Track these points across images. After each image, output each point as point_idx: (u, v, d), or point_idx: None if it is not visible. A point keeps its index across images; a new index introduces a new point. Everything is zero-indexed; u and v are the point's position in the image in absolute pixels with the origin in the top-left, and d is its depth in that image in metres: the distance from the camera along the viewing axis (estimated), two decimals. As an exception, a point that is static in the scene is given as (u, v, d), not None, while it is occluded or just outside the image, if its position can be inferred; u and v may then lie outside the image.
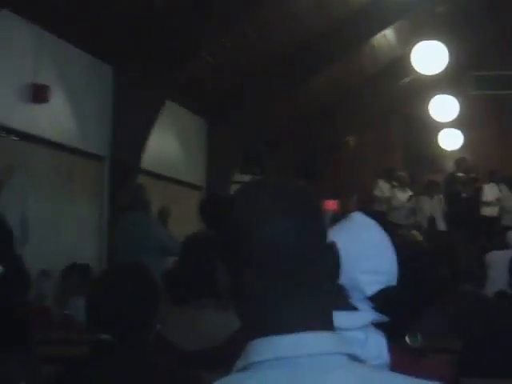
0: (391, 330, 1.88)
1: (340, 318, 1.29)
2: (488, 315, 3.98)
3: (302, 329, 1.19)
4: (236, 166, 13.14)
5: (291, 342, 1.17)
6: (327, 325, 1.22)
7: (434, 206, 14.39)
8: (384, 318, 1.82)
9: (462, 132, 15.12)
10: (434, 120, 14.24)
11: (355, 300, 1.83)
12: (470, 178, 15.19)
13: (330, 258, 1.25)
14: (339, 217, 2.02)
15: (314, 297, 1.22)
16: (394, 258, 1.91)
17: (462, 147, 15.73)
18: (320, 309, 1.22)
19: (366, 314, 1.81)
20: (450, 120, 13.72)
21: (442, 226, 14.18)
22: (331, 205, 12.20)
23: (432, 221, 14.07)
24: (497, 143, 16.72)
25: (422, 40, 11.74)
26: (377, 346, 1.79)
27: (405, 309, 1.89)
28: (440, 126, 14.89)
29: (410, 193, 14.70)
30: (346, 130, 16.03)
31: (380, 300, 1.84)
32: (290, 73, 12.29)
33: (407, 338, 2.06)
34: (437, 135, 15.21)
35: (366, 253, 1.87)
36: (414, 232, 11.40)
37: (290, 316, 1.20)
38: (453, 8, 13.60)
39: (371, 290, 1.85)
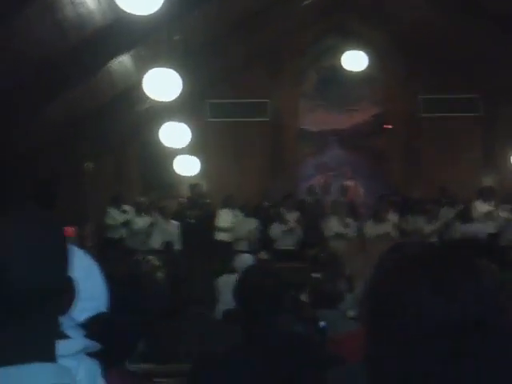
0: (111, 355, 1.85)
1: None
2: (215, 336, 4.09)
3: (19, 360, 1.14)
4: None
5: (12, 373, 1.12)
6: (45, 354, 1.18)
7: (170, 231, 14.58)
8: (97, 346, 1.78)
9: (198, 158, 15.47)
10: (170, 146, 14.45)
11: (66, 327, 1.78)
12: (204, 203, 15.58)
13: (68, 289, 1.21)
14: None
15: (31, 326, 1.17)
16: (104, 284, 1.90)
17: (199, 173, 16.11)
18: (36, 337, 1.17)
19: (78, 342, 1.77)
20: (186, 146, 13.97)
21: (177, 250, 14.40)
22: (69, 232, 11.96)
23: (169, 245, 14.24)
24: (232, 169, 17.33)
25: (157, 67, 11.86)
26: (89, 373, 1.75)
27: (119, 334, 1.88)
28: (177, 153, 15.12)
29: (147, 219, 14.81)
30: (83, 156, 15.80)
31: (91, 326, 1.81)
32: (27, 99, 11.92)
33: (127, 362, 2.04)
34: (173, 161, 15.45)
35: (75, 280, 1.82)
36: (151, 257, 11.48)
37: (5, 346, 1.15)
38: (189, 37, 13.94)
39: (82, 316, 1.82)
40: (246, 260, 8.71)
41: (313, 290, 4.91)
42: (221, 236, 15.15)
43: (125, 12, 8.77)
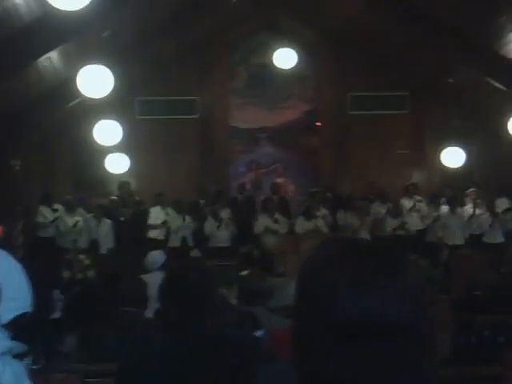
0: (38, 355, 1.82)
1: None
2: (145, 336, 4.06)
3: None
4: None
5: None
6: None
7: (101, 230, 14.42)
8: (23, 347, 1.75)
9: (128, 156, 15.34)
10: (101, 144, 14.28)
11: (-10, 329, 1.75)
12: (134, 201, 15.46)
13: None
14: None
15: None
16: (27, 284, 1.87)
17: (129, 171, 15.97)
18: None
19: (2, 343, 1.74)
20: (116, 144, 13.84)
21: (104, 249, 14.25)
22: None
23: (95, 244, 14.07)
24: (163, 167, 17.24)
25: (88, 64, 11.72)
26: (15, 376, 1.72)
27: (44, 334, 1.85)
28: (107, 150, 14.97)
29: (78, 218, 14.63)
30: (11, 153, 15.50)
31: (15, 327, 1.78)
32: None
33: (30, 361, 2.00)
34: (104, 159, 15.28)
35: (-2, 281, 1.80)
36: (81, 256, 11.36)
37: None
38: (118, 34, 13.80)
39: (6, 317, 1.79)
40: (156, 257, 8.60)
41: (242, 287, 4.91)
42: (153, 234, 15.06)
43: (53, 7, 8.65)
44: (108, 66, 11.21)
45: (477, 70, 14.86)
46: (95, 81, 10.97)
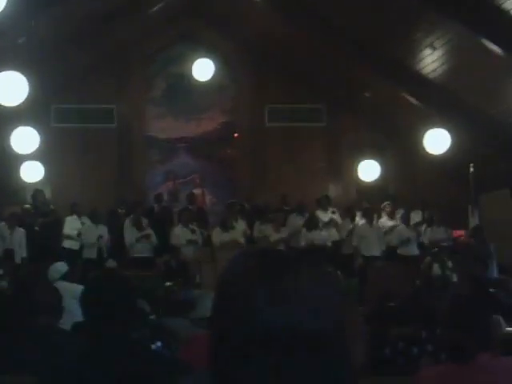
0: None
1: None
2: (63, 349, 3.98)
3: None
4: None
5: None
6: None
7: (14, 239, 14.07)
8: None
9: (42, 164, 15.04)
10: (16, 152, 13.99)
11: None
12: (48, 210, 15.17)
13: None
14: None
15: None
16: None
17: (44, 179, 15.66)
18: None
19: None
20: (32, 152, 13.56)
21: (18, 258, 13.92)
22: None
23: (9, 253, 13.72)
24: (78, 175, 17.01)
25: (2, 70, 11.48)
26: None
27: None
28: (22, 158, 14.65)
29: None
30: None
31: None
32: None
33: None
34: (19, 167, 14.95)
35: None
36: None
37: None
38: (33, 41, 13.57)
39: None
40: (59, 268, 8.48)
41: (163, 298, 4.88)
42: (68, 244, 14.81)
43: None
44: (24, 73, 10.98)
45: (392, 85, 15.16)
46: (9, 88, 10.73)
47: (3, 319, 4.59)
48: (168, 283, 4.91)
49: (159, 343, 4.10)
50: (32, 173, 14.78)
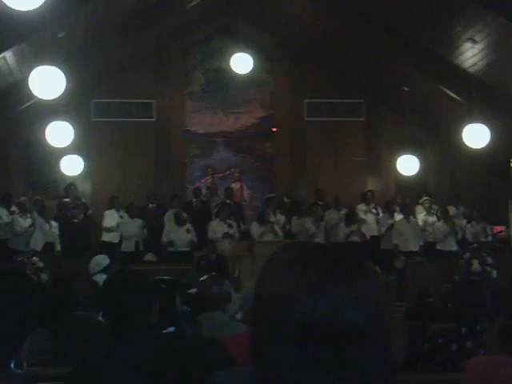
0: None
1: None
2: (99, 339, 4.02)
3: None
4: None
5: None
6: None
7: (51, 232, 14.20)
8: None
9: (82, 158, 15.16)
10: (55, 146, 14.12)
11: None
12: (81, 203, 15.27)
13: None
14: None
15: None
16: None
17: (84, 173, 15.79)
18: None
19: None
20: (71, 145, 13.66)
21: (59, 252, 14.06)
22: None
23: (48, 246, 13.85)
24: (117, 169, 17.12)
25: (42, 65, 11.58)
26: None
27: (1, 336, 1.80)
28: (62, 152, 14.78)
29: (31, 219, 14.39)
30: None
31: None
32: None
33: (12, 365, 1.95)
34: (59, 161, 15.08)
35: None
36: (35, 259, 11.25)
37: None
38: (74, 35, 13.69)
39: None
40: (100, 261, 8.53)
41: (199, 292, 4.87)
42: (106, 237, 14.94)
43: (7, 7, 8.52)
44: (63, 68, 11.07)
45: (432, 80, 15.02)
46: (47, 82, 10.82)
47: (44, 312, 4.63)
48: (205, 276, 4.90)
49: (171, 328, 4.09)
50: (72, 166, 14.90)
